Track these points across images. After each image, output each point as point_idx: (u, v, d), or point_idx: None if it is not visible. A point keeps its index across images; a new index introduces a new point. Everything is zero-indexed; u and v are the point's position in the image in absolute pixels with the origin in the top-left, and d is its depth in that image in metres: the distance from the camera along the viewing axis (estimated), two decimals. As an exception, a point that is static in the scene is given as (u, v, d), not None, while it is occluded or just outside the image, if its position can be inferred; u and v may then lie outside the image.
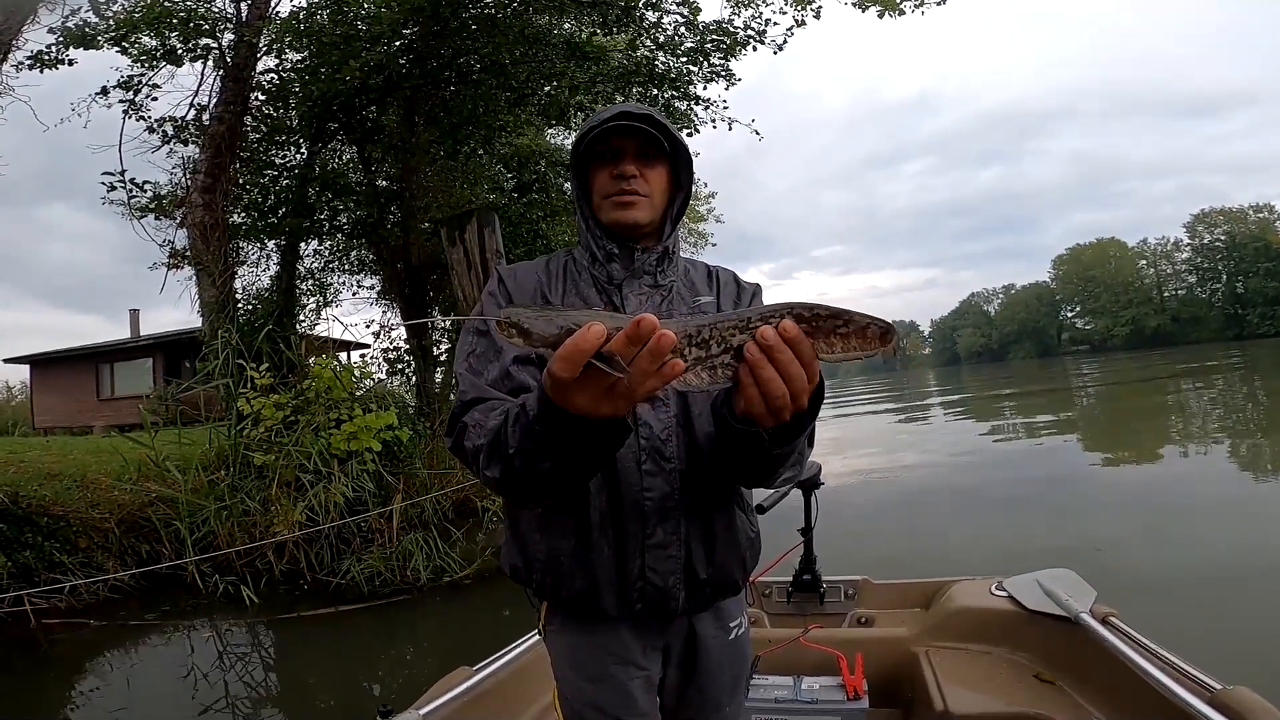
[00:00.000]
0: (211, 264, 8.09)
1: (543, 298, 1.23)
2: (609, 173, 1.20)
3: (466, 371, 1.15)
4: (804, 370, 0.82)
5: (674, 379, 0.78)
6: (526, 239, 11.66)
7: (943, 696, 2.08)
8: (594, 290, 1.24)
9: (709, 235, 26.84)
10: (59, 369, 23.63)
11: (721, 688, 1.30)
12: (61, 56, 8.73)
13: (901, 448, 14.66)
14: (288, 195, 9.36)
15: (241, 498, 6.01)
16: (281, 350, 7.13)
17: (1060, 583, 2.33)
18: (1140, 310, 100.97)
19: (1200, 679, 1.67)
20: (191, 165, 8.71)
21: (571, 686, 1.25)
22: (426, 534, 6.23)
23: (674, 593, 1.17)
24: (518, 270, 1.29)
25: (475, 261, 5.27)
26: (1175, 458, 10.04)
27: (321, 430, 6.25)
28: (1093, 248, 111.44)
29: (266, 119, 9.49)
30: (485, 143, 9.98)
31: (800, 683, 2.19)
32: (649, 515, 1.14)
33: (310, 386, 6.44)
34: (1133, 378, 28.44)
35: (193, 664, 5.01)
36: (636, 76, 9.10)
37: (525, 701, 2.13)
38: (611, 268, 1.23)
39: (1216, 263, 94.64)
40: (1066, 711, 1.93)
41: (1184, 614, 4.09)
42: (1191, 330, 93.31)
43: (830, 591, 2.75)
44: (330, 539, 6.06)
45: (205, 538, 6.11)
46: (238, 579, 5.82)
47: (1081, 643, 2.04)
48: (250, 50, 9.02)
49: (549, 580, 1.19)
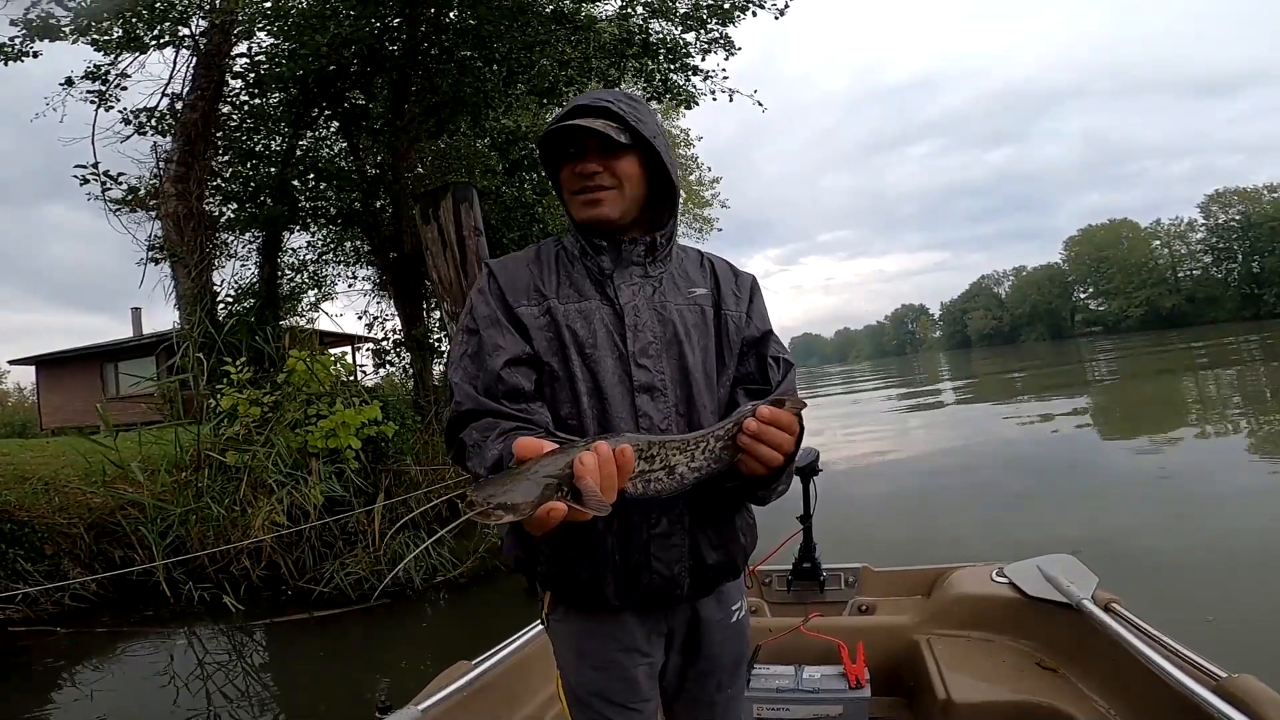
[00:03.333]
0: (186, 255, 7.74)
1: (536, 291, 1.19)
2: (571, 169, 1.18)
3: (461, 380, 1.14)
4: (789, 435, 1.03)
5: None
6: (521, 222, 11.27)
7: (945, 684, 2.06)
8: (588, 281, 1.21)
9: (715, 221, 26.35)
10: (65, 369, 23.49)
11: (723, 669, 1.31)
12: (25, 49, 8.38)
13: (906, 432, 14.48)
14: (268, 183, 8.95)
15: (207, 501, 5.64)
16: (259, 344, 6.74)
17: (1061, 569, 2.28)
18: (1155, 291, 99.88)
19: (1205, 667, 1.63)
20: (164, 155, 8.34)
21: (575, 674, 1.25)
22: (416, 534, 5.90)
23: (679, 580, 1.18)
24: (507, 263, 1.25)
25: (451, 240, 4.85)
26: (1191, 442, 9.65)
27: (299, 427, 5.88)
28: (1105, 228, 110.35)
29: (244, 106, 9.09)
30: (474, 123, 9.52)
31: (801, 672, 2.19)
32: (652, 505, 1.14)
33: (286, 380, 6.05)
34: (1148, 366, 27.64)
35: (173, 672, 4.78)
36: (630, 48, 8.62)
37: (526, 694, 2.12)
38: (601, 260, 1.21)
39: (1232, 242, 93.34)
40: (1068, 699, 1.91)
41: (1193, 600, 4.03)
42: (1207, 310, 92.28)
43: (830, 579, 2.72)
44: (312, 542, 5.70)
45: (175, 543, 5.75)
46: (213, 586, 5.48)
47: (1083, 629, 2.01)
48: (224, 36, 8.65)
49: (554, 570, 1.19)
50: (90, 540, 5.89)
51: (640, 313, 1.18)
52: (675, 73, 9.15)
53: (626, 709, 1.22)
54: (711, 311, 1.26)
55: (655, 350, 1.17)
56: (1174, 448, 9.46)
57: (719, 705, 1.33)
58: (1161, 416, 12.94)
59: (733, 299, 1.28)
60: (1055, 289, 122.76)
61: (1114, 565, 3.99)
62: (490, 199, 11.33)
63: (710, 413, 1.18)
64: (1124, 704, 1.81)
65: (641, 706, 1.23)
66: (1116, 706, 1.82)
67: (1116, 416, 14.55)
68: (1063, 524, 6.02)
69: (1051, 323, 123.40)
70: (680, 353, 1.19)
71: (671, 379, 1.17)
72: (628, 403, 1.15)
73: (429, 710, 1.77)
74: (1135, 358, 32.72)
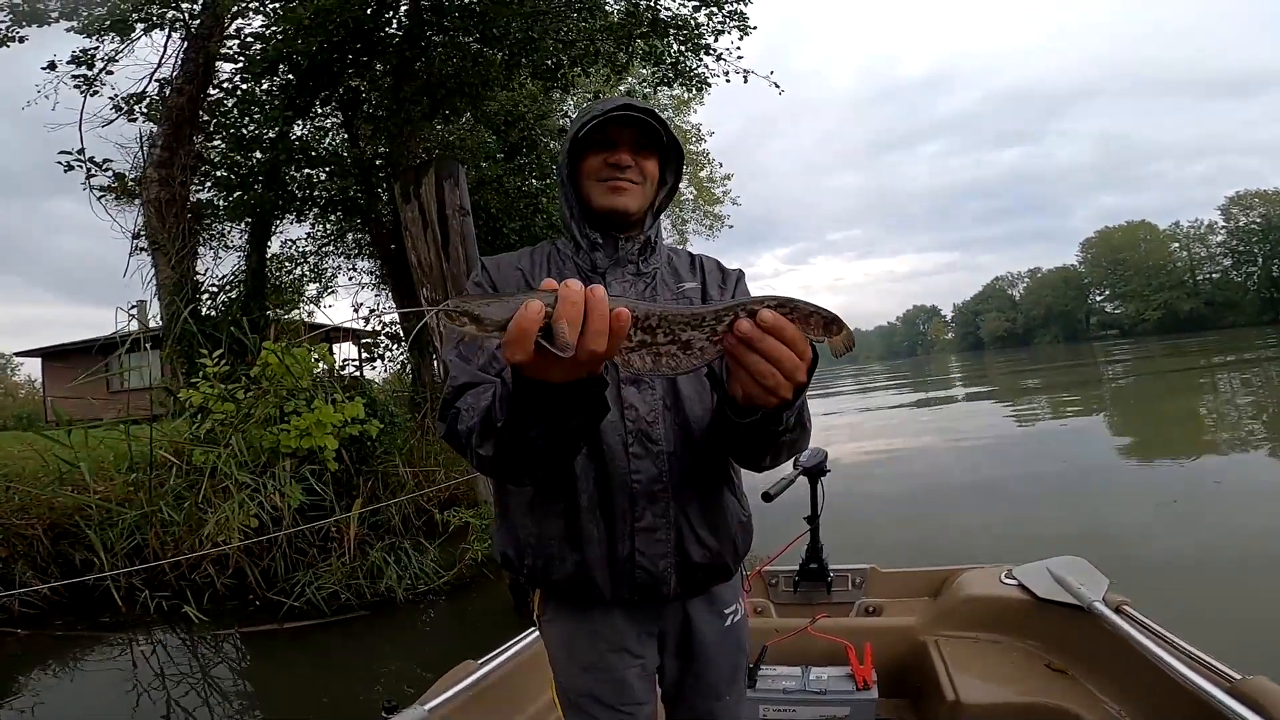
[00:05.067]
0: (168, 243, 7.34)
1: (528, 286, 1.21)
2: (603, 159, 1.20)
3: (457, 358, 1.14)
4: (792, 351, 0.86)
5: (619, 344, 0.81)
6: (524, 212, 10.85)
7: (953, 686, 2.04)
8: (578, 278, 1.09)
9: (725, 218, 25.76)
10: (70, 362, 23.34)
11: (720, 675, 1.29)
12: (12, 35, 8.06)
13: (916, 434, 14.22)
14: (259, 169, 8.53)
15: (159, 505, 5.20)
16: (236, 335, 6.30)
17: (1072, 570, 2.25)
18: (1173, 294, 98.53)
19: (1218, 668, 1.59)
20: (149, 140, 7.96)
21: (567, 676, 1.24)
22: (397, 541, 5.45)
23: (665, 577, 1.17)
24: (500, 260, 1.29)
25: (433, 220, 4.37)
26: (1205, 443, 9.47)
27: (272, 425, 5.43)
28: (1122, 230, 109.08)
29: (236, 91, 8.70)
30: (473, 106, 9.07)
31: (809, 673, 2.18)
32: (637, 498, 1.15)
33: (260, 375, 5.60)
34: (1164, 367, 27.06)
35: (135, 679, 4.49)
36: (638, 28, 8.13)
37: (531, 694, 2.08)
38: (595, 256, 1.25)
39: (1252, 245, 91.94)
40: (1078, 701, 1.88)
41: (1207, 602, 3.97)
42: (1226, 314, 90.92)
43: (838, 580, 2.67)
44: (284, 549, 5.26)
45: (135, 547, 5.31)
46: (172, 595, 5.06)
47: (1094, 631, 1.98)
48: (214, 19, 8.28)
49: (539, 564, 1.18)
50: (49, 542, 5.48)
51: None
52: (687, 54, 8.65)
53: (618, 711, 1.20)
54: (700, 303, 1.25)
55: None
56: (1188, 450, 9.27)
57: (715, 713, 1.30)
58: (1176, 420, 12.75)
59: (718, 291, 1.31)
60: (1071, 291, 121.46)
61: (1124, 567, 3.81)
62: (492, 187, 10.93)
63: (700, 407, 1.18)
64: (1135, 706, 1.76)
65: (634, 710, 1.21)
66: (1128, 708, 1.78)
67: (1130, 418, 14.35)
68: (1072, 525, 5.93)
69: (1066, 325, 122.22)
70: None
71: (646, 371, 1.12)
72: (613, 393, 1.13)
73: (435, 710, 1.74)
74: (1151, 360, 32.21)
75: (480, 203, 11.00)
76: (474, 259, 4.55)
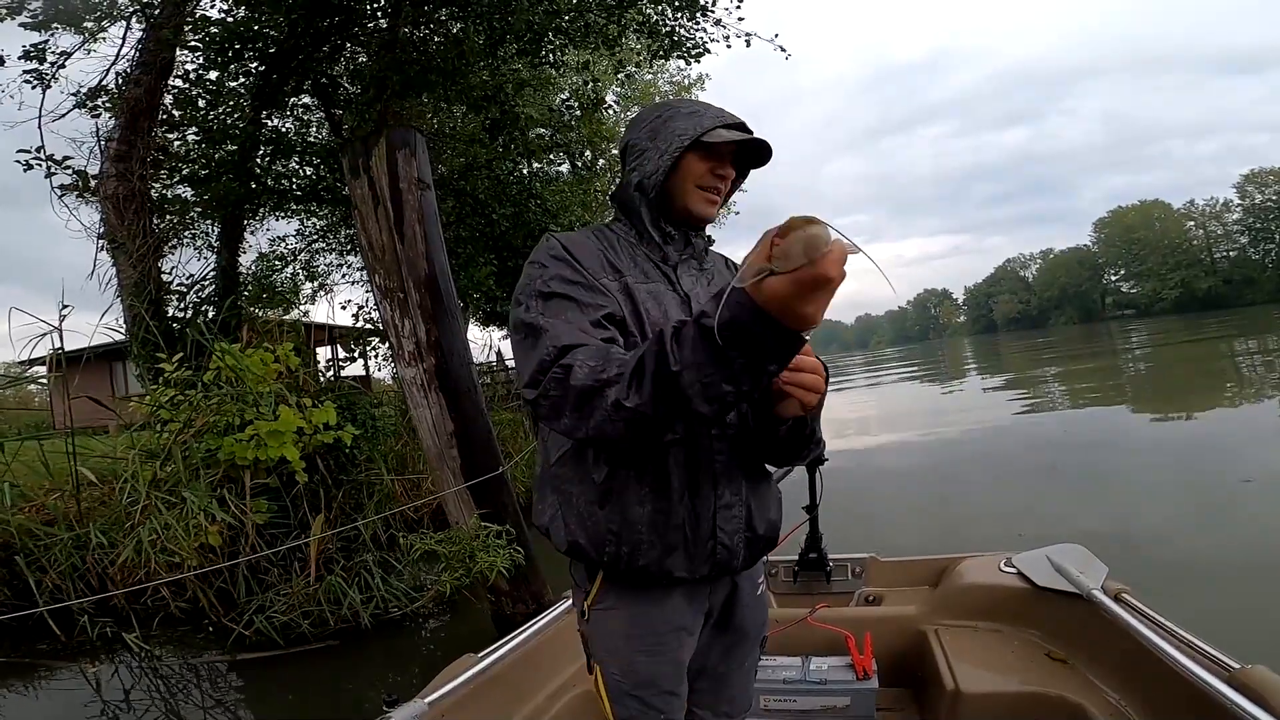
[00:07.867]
0: (128, 241, 6.82)
1: (611, 267, 1.21)
2: (709, 167, 1.24)
3: (550, 325, 1.08)
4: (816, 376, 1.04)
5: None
6: (516, 198, 10.29)
7: (953, 675, 2.04)
8: (653, 266, 1.27)
9: (731, 204, 25.23)
10: (76, 369, 23.03)
11: (748, 640, 1.36)
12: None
13: (929, 422, 14.06)
14: (226, 161, 7.99)
15: (89, 526, 4.65)
16: (195, 335, 5.76)
17: (1071, 558, 2.23)
18: (1190, 273, 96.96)
19: (1217, 657, 1.57)
20: (105, 134, 7.44)
21: (624, 663, 1.23)
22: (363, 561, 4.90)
23: (738, 550, 1.23)
24: (572, 238, 1.25)
25: (384, 196, 3.77)
26: (1208, 431, 9.19)
27: (232, 434, 4.89)
28: (1136, 209, 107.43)
29: (200, 80, 8.16)
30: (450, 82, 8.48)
31: (809, 663, 2.21)
32: (719, 477, 1.19)
33: (211, 379, 5.06)
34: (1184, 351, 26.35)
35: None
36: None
37: (534, 686, 2.08)
38: (668, 249, 1.29)
39: (1269, 223, 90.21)
40: (1078, 690, 1.87)
41: (1204, 590, 3.96)
42: (1245, 292, 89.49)
43: (837, 570, 2.65)
44: (243, 571, 4.72)
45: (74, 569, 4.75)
46: (116, 620, 4.54)
47: (1093, 620, 1.96)
48: (174, 4, 7.74)
49: (624, 551, 1.17)
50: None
51: (700, 299, 1.24)
52: (682, 18, 8.02)
53: (673, 696, 1.23)
54: None
55: None
56: (1191, 434, 9.13)
57: (737, 677, 1.37)
58: (1185, 399, 12.56)
59: None
60: (1085, 271, 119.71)
61: (1124, 555, 3.78)
62: (483, 171, 10.39)
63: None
64: (1134, 694, 1.77)
65: (683, 691, 1.26)
66: (1127, 697, 1.78)
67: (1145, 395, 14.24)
68: (1072, 513, 5.91)
69: (1081, 306, 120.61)
70: None
71: None
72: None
73: (436, 703, 1.73)
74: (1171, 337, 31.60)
75: (469, 188, 10.47)
76: (435, 238, 3.96)
